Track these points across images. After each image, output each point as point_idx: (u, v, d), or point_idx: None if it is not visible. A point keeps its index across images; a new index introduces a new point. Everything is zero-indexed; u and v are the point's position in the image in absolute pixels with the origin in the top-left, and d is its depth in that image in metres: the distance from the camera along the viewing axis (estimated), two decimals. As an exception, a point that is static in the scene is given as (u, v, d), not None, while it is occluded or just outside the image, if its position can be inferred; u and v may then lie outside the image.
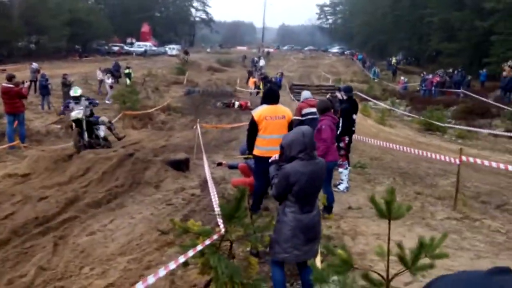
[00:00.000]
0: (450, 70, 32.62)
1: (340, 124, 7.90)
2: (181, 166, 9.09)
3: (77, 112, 10.17)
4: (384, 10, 63.14)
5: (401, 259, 2.92)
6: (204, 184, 8.33)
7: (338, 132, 7.81)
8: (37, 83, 19.44)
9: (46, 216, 6.33)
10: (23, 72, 29.44)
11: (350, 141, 8.56)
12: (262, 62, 42.45)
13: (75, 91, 10.66)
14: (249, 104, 22.04)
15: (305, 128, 4.08)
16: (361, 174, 9.68)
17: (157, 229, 6.00)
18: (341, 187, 8.28)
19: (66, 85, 18.37)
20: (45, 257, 5.21)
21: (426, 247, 2.90)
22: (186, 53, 35.91)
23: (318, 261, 5.12)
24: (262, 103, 6.60)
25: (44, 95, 18.00)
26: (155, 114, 17.79)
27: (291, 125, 6.63)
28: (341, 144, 8.15)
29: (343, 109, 8.27)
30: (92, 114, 10.77)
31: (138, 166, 8.47)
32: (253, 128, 6.39)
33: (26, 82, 11.72)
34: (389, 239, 3.39)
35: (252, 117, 6.39)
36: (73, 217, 6.42)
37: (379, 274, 3.28)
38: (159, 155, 9.58)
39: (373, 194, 3.39)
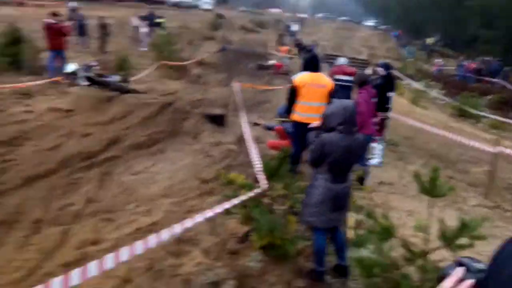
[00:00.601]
0: (488, 58, 31.66)
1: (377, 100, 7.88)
2: (217, 120, 9.20)
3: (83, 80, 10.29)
4: (423, -11, 61.25)
5: (443, 235, 3.01)
6: (240, 141, 8.46)
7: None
8: (75, 22, 19.48)
9: (90, 152, 6.55)
10: (60, 8, 29.58)
11: (385, 117, 8.55)
12: (296, 27, 41.64)
13: (70, 68, 10.69)
14: (284, 66, 21.83)
15: (347, 102, 4.11)
16: (393, 152, 9.70)
17: (198, 177, 6.18)
18: (374, 161, 8.32)
19: (105, 28, 18.36)
20: (92, 190, 5.44)
21: (468, 227, 2.98)
22: (221, 16, 34.98)
23: (350, 228, 5.27)
24: (303, 70, 6.58)
25: (81, 34, 18.05)
26: (190, 67, 17.81)
27: (332, 94, 6.65)
28: (375, 120, 8.12)
29: (377, 85, 8.18)
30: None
31: (177, 116, 8.62)
32: (293, 94, 6.41)
33: (72, 21, 11.75)
34: (430, 215, 3.45)
35: (293, 82, 6.40)
36: (116, 156, 6.63)
37: (417, 246, 3.40)
38: (196, 108, 9.68)
39: (417, 170, 3.45)
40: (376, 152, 8.41)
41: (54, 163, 5.92)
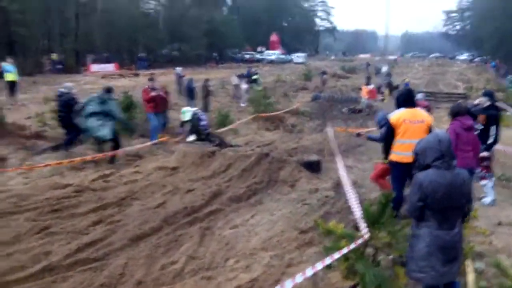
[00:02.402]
0: None
1: (494, 132, 7.01)
2: (313, 167, 8.83)
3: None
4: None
5: None
6: (337, 187, 7.97)
7: (491, 141, 6.99)
8: (181, 87, 20.74)
9: (193, 207, 6.46)
10: (168, 76, 31.82)
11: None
12: (384, 69, 40.81)
13: (184, 115, 11.11)
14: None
15: (442, 133, 3.52)
16: (507, 188, 8.54)
17: (296, 227, 5.80)
18: (487, 200, 7.34)
19: (207, 89, 19.11)
20: (192, 247, 5.27)
21: None
22: (324, 73, 34.34)
23: (470, 279, 4.47)
24: (398, 106, 6.03)
25: (191, 97, 18.94)
26: (285, 117, 17.84)
27: (431, 130, 6.01)
28: (487, 154, 7.18)
29: (492, 115, 7.29)
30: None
31: (274, 165, 8.39)
32: (390, 132, 5.87)
33: (159, 91, 12.11)
34: None
35: (389, 121, 5.87)
36: (217, 209, 6.49)
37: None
38: (292, 156, 9.41)
39: None
40: (487, 190, 7.44)
41: (158, 221, 5.89)
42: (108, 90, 9.54)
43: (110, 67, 36.67)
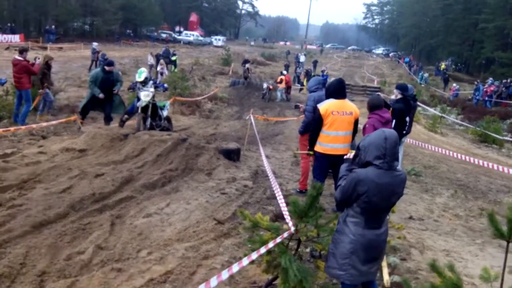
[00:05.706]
0: (507, 80, 30.71)
1: (392, 126, 7.36)
2: (232, 155, 8.88)
3: (146, 95, 9.81)
4: (434, 12, 61.27)
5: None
6: (255, 176, 8.13)
7: None
8: (97, 63, 19.84)
9: (102, 193, 6.22)
10: (78, 51, 30.25)
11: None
12: (302, 58, 42.13)
13: (139, 75, 9.98)
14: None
15: (389, 131, 3.37)
16: (417, 183, 9.20)
17: (214, 218, 5.82)
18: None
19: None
20: (102, 236, 5.07)
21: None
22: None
23: (385, 274, 4.74)
24: (328, 97, 6.20)
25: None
26: (202, 102, 17.73)
27: (357, 123, 6.27)
28: None
29: (396, 109, 7.54)
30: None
31: (191, 152, 8.30)
32: (318, 123, 6.03)
33: (38, 59, 11.24)
34: (505, 265, 2.95)
35: (318, 111, 6.00)
36: (129, 197, 6.29)
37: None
38: (210, 143, 9.40)
39: (492, 211, 2.93)
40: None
41: (64, 207, 5.59)
42: None
43: (15, 38, 34.54)
